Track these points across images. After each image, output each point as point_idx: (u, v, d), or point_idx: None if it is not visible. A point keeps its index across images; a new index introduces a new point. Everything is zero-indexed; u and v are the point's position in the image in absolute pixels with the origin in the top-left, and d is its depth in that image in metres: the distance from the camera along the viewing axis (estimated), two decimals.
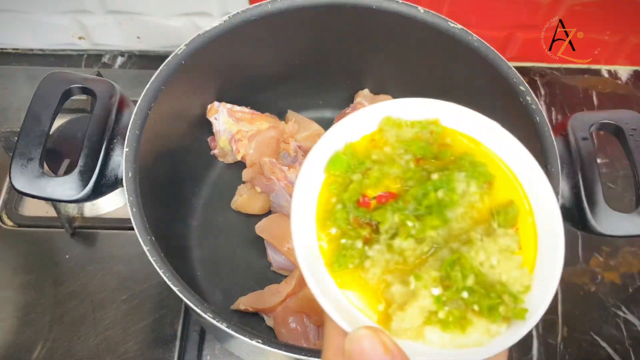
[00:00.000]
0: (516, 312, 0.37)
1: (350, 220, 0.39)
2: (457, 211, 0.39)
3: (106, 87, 0.62)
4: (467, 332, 0.37)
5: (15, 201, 0.85)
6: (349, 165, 0.41)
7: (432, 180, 0.40)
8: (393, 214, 0.39)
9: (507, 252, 0.38)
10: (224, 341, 0.73)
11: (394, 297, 0.38)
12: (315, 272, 0.38)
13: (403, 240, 0.38)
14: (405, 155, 0.42)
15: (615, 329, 0.79)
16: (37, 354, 0.74)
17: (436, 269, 0.37)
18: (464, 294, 0.37)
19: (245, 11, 0.68)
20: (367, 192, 0.40)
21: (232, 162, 0.83)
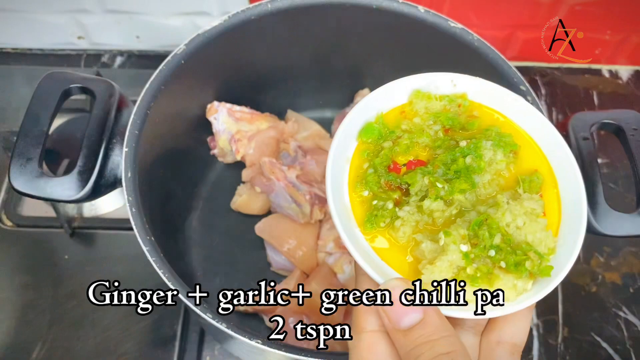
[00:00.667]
0: (542, 269, 0.39)
1: (381, 184, 0.42)
2: (484, 177, 0.42)
3: (105, 87, 0.62)
4: (495, 287, 0.39)
5: (15, 201, 0.85)
6: (380, 133, 0.44)
7: (460, 147, 0.42)
8: (423, 177, 0.41)
9: (532, 214, 0.40)
10: (223, 342, 0.73)
11: (423, 254, 0.40)
12: (348, 230, 0.40)
13: (433, 201, 0.41)
14: (435, 126, 0.44)
15: (615, 330, 0.79)
16: (36, 354, 0.74)
17: (464, 228, 0.40)
18: (491, 252, 0.39)
19: (245, 11, 0.68)
20: (397, 159, 0.43)
21: (231, 162, 0.83)
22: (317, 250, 0.73)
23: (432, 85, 0.46)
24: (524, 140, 0.45)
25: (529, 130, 0.45)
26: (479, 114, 0.46)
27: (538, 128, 0.45)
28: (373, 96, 0.45)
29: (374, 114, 0.45)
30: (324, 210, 0.73)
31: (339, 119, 0.86)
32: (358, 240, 0.41)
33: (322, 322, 0.69)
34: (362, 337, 0.38)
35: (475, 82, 0.46)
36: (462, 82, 0.46)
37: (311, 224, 0.73)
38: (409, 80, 0.46)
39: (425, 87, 0.46)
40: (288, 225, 0.73)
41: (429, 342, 0.35)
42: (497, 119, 0.46)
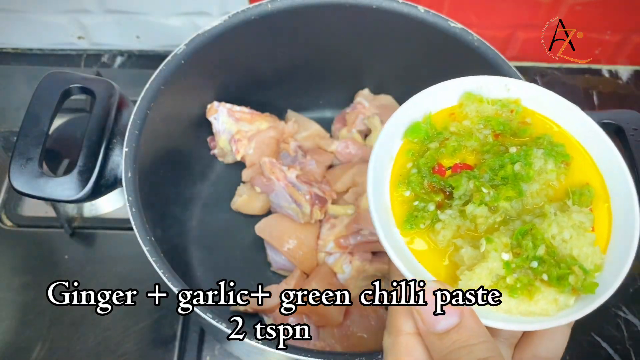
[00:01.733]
0: (586, 285, 0.37)
1: (424, 185, 0.41)
2: (532, 186, 0.40)
3: (105, 87, 0.62)
4: (535, 299, 0.37)
5: (15, 201, 0.85)
6: (427, 133, 0.43)
7: (509, 154, 0.41)
8: (468, 181, 0.40)
9: (580, 228, 0.39)
10: (223, 341, 0.73)
11: (462, 259, 0.39)
12: (387, 230, 0.39)
13: (477, 206, 0.39)
14: (485, 130, 0.43)
15: (615, 330, 0.79)
16: (36, 354, 0.74)
17: (507, 237, 0.38)
18: (533, 264, 0.37)
19: (245, 11, 0.68)
20: (442, 161, 0.42)
21: (231, 162, 0.83)
22: (317, 250, 0.73)
23: (485, 89, 0.45)
24: (577, 151, 0.43)
25: (582, 141, 0.43)
26: (531, 121, 0.44)
27: (592, 139, 0.43)
28: (422, 95, 0.44)
29: (422, 114, 0.44)
30: (324, 210, 0.73)
31: (339, 119, 0.86)
32: (395, 240, 0.40)
33: (322, 322, 0.69)
34: (399, 340, 0.37)
35: (530, 88, 0.45)
36: (516, 88, 0.45)
37: (311, 224, 0.73)
38: (460, 82, 0.45)
39: (477, 90, 0.45)
40: (288, 225, 0.73)
41: (467, 347, 0.34)
42: (550, 128, 0.44)
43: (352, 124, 0.83)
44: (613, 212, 0.41)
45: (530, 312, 0.38)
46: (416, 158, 0.43)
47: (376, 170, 0.41)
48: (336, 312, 0.68)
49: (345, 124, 0.84)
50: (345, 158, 0.81)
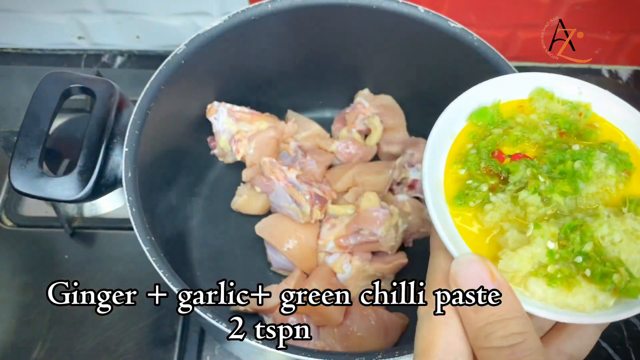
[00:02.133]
0: (630, 288, 0.37)
1: (480, 166, 0.41)
2: (590, 187, 0.40)
3: (106, 87, 0.62)
4: (573, 292, 0.37)
5: (15, 201, 0.85)
6: (493, 119, 0.43)
7: (572, 150, 0.41)
8: (526, 168, 0.40)
9: (632, 234, 0.38)
10: (223, 341, 0.73)
11: (507, 242, 0.39)
12: (436, 203, 0.40)
13: (530, 194, 0.39)
14: (550, 126, 0.43)
15: (615, 329, 0.79)
16: (36, 354, 0.74)
17: (556, 228, 0.38)
18: (578, 258, 0.37)
19: (245, 11, 0.68)
20: (503, 149, 0.42)
21: (232, 162, 0.83)
22: (317, 250, 0.73)
23: (557, 88, 0.45)
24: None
25: None
26: (599, 127, 0.44)
27: None
28: (495, 82, 0.44)
29: (491, 100, 0.44)
30: (324, 210, 0.73)
31: (339, 119, 0.86)
32: (443, 214, 0.40)
33: (322, 322, 0.69)
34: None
35: (602, 94, 0.45)
36: (589, 92, 0.45)
37: (311, 223, 0.73)
38: (534, 77, 0.45)
39: (550, 88, 0.45)
40: (288, 225, 0.73)
41: (502, 320, 0.33)
42: (618, 137, 0.44)
43: (352, 124, 0.83)
44: None
45: (566, 304, 0.37)
46: (477, 140, 0.43)
47: (434, 145, 0.42)
48: (336, 312, 0.68)
49: (345, 124, 0.84)
50: (345, 158, 0.81)
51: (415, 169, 0.78)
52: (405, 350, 0.51)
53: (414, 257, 0.77)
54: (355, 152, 0.81)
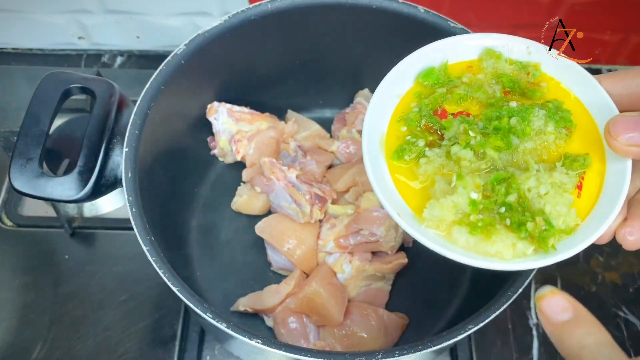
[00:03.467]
0: (544, 237, 0.38)
1: (421, 124, 0.43)
2: (526, 143, 0.41)
3: (106, 87, 0.62)
4: (492, 240, 0.39)
5: (15, 201, 0.85)
6: (438, 79, 0.44)
7: (508, 107, 0.42)
8: (459, 124, 0.41)
9: (559, 187, 0.40)
10: (223, 341, 0.73)
11: (435, 193, 0.41)
12: (373, 157, 0.42)
13: (461, 148, 0.41)
14: (495, 85, 0.44)
15: (615, 330, 0.79)
16: (36, 354, 0.74)
17: (482, 180, 0.40)
18: (501, 209, 0.39)
19: (245, 11, 0.68)
20: (447, 107, 0.43)
21: (232, 162, 0.83)
22: (317, 250, 0.73)
23: (507, 48, 0.46)
24: (586, 122, 0.43)
25: (594, 114, 0.43)
26: (547, 86, 0.45)
27: (604, 114, 0.42)
28: (443, 43, 0.45)
29: (439, 61, 0.45)
30: (324, 210, 0.73)
31: (339, 119, 0.86)
32: (380, 168, 0.42)
33: (322, 322, 0.70)
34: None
35: (550, 54, 0.45)
36: (537, 52, 0.45)
37: (311, 223, 0.73)
38: (484, 37, 0.46)
39: (499, 48, 0.46)
40: (288, 225, 0.73)
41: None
42: (565, 96, 0.44)
43: (352, 124, 0.83)
44: (604, 186, 0.41)
45: (486, 252, 0.39)
46: (421, 99, 0.44)
47: (378, 103, 0.44)
48: (336, 312, 0.68)
49: (345, 124, 0.84)
50: (345, 158, 0.81)
51: None
52: (405, 350, 0.51)
53: (414, 257, 0.77)
54: (355, 152, 0.81)
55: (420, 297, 0.76)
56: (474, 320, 0.53)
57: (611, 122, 0.38)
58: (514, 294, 0.54)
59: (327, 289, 0.68)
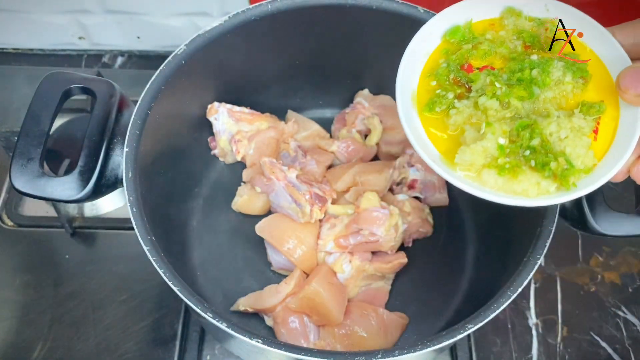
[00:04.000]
0: (566, 175, 0.43)
1: (449, 78, 0.47)
2: (546, 93, 0.45)
3: (106, 87, 0.62)
4: (519, 180, 0.44)
5: (16, 201, 0.85)
6: (464, 36, 0.48)
7: (530, 60, 0.46)
8: (486, 77, 0.46)
9: (578, 131, 0.44)
10: (224, 341, 0.73)
11: (465, 140, 0.45)
12: (407, 111, 0.47)
13: (488, 98, 0.45)
14: (517, 41, 0.48)
15: (615, 329, 0.79)
16: (37, 353, 0.74)
17: (509, 126, 0.44)
18: (526, 152, 0.44)
19: (245, 11, 0.68)
20: (472, 62, 0.47)
21: (232, 162, 0.83)
22: (317, 250, 0.73)
23: (526, 7, 0.49)
24: (601, 73, 0.46)
25: (609, 66, 0.47)
26: (564, 41, 0.48)
27: (619, 66, 0.46)
28: (468, 3, 0.49)
29: (464, 20, 0.49)
30: (324, 210, 0.73)
31: (339, 119, 0.86)
32: (412, 120, 0.47)
33: (322, 322, 0.70)
34: None
35: (568, 10, 0.49)
36: (555, 9, 0.49)
37: (311, 223, 0.73)
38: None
39: (519, 7, 0.49)
40: (288, 225, 0.73)
41: None
42: (582, 49, 0.48)
43: (351, 124, 0.83)
44: (618, 129, 0.45)
45: (513, 191, 0.44)
46: (449, 56, 0.48)
47: (409, 60, 0.47)
48: (336, 312, 0.68)
49: (345, 124, 0.84)
50: (345, 158, 0.82)
51: (415, 169, 0.79)
52: (405, 350, 0.51)
53: (414, 256, 0.77)
54: (356, 152, 0.81)
55: (420, 297, 0.76)
56: (473, 319, 0.53)
57: (621, 75, 0.43)
58: (514, 294, 0.54)
59: (327, 288, 0.69)
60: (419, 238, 0.79)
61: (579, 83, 0.46)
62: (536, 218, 0.59)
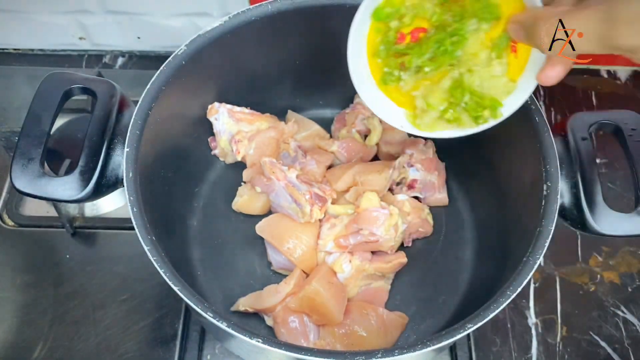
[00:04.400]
0: (493, 115, 0.58)
1: (390, 55, 0.57)
2: (467, 45, 0.54)
3: (107, 87, 0.62)
4: (462, 123, 0.59)
5: (16, 201, 0.85)
6: (387, 14, 0.54)
7: (447, 32, 0.53)
8: (417, 58, 0.55)
9: (495, 78, 0.55)
10: (224, 341, 0.73)
11: (418, 107, 0.59)
12: (366, 87, 0.59)
13: (425, 73, 0.56)
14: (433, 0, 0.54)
15: (614, 329, 0.79)
16: (37, 353, 0.74)
17: (444, 91, 0.57)
18: (462, 104, 0.57)
19: (245, 11, 0.68)
20: (403, 31, 0.55)
21: (232, 162, 0.83)
22: (317, 250, 0.73)
23: None
24: (515, 4, 0.51)
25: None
26: None
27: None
28: None
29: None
30: (324, 210, 0.73)
31: (339, 119, 0.86)
32: (374, 94, 0.60)
33: (322, 321, 0.70)
34: None
35: None
36: None
37: (311, 223, 0.73)
38: None
39: None
40: (288, 225, 0.73)
41: None
42: None
43: (351, 124, 0.83)
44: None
45: (461, 128, 0.59)
46: (384, 33, 0.56)
47: (354, 44, 0.56)
48: (336, 311, 0.69)
49: (345, 124, 0.84)
50: (345, 158, 0.82)
51: (414, 169, 0.79)
52: (405, 350, 0.51)
53: (414, 256, 0.77)
54: (355, 152, 0.81)
55: (420, 296, 0.76)
56: (473, 319, 0.53)
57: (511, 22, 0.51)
58: (513, 293, 0.54)
59: (327, 288, 0.69)
60: (418, 238, 0.79)
61: (493, 24, 0.53)
62: (535, 218, 0.59)
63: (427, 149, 0.80)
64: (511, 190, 0.71)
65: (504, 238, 0.70)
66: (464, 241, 0.80)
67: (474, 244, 0.79)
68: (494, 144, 0.72)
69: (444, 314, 0.75)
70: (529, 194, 0.64)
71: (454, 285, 0.76)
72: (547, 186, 0.60)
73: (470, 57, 0.54)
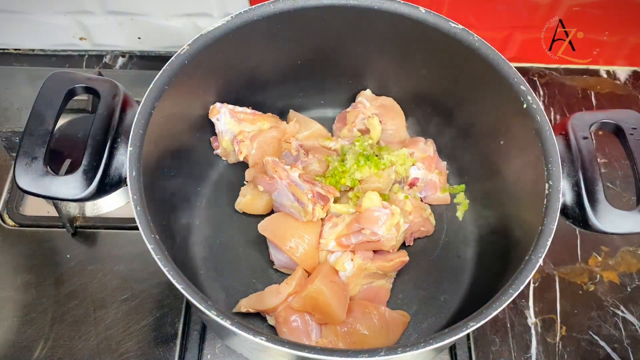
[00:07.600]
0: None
1: None
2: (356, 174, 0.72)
3: (110, 87, 0.62)
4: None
5: (17, 201, 0.85)
6: None
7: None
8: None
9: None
10: (226, 339, 0.73)
11: None
12: None
13: None
14: None
15: (613, 328, 0.79)
16: (38, 353, 0.74)
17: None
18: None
19: (247, 12, 0.68)
20: None
21: (234, 162, 0.83)
22: (319, 249, 0.73)
23: None
24: None
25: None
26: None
27: None
28: None
29: None
30: (326, 209, 0.73)
31: (340, 118, 0.86)
32: None
33: (324, 320, 0.70)
34: None
35: None
36: None
37: (313, 222, 0.73)
38: None
39: None
40: (290, 224, 0.73)
41: None
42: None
43: (352, 123, 0.83)
44: None
45: None
46: None
47: None
48: (339, 310, 0.69)
49: (346, 123, 0.84)
50: None
51: (415, 168, 0.79)
52: (407, 348, 0.52)
53: (415, 255, 0.77)
54: None
55: (422, 295, 0.76)
56: (475, 317, 0.53)
57: None
58: (515, 292, 0.54)
59: (329, 287, 0.69)
60: (420, 237, 0.80)
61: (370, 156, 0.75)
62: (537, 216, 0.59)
63: (427, 147, 0.81)
64: (513, 190, 0.71)
65: (505, 237, 0.70)
66: (466, 240, 0.80)
67: (476, 243, 0.80)
68: (495, 144, 0.72)
69: (445, 313, 0.75)
70: (531, 192, 0.64)
71: (456, 284, 0.77)
72: (549, 185, 0.60)
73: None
